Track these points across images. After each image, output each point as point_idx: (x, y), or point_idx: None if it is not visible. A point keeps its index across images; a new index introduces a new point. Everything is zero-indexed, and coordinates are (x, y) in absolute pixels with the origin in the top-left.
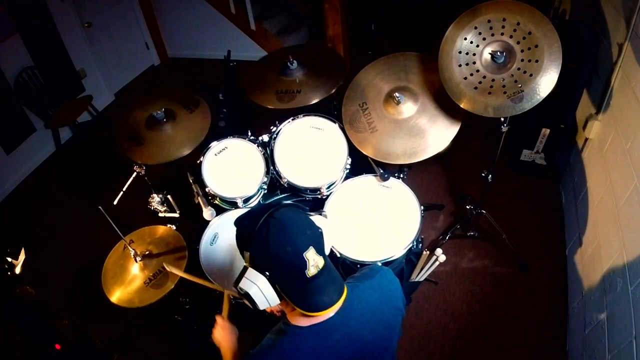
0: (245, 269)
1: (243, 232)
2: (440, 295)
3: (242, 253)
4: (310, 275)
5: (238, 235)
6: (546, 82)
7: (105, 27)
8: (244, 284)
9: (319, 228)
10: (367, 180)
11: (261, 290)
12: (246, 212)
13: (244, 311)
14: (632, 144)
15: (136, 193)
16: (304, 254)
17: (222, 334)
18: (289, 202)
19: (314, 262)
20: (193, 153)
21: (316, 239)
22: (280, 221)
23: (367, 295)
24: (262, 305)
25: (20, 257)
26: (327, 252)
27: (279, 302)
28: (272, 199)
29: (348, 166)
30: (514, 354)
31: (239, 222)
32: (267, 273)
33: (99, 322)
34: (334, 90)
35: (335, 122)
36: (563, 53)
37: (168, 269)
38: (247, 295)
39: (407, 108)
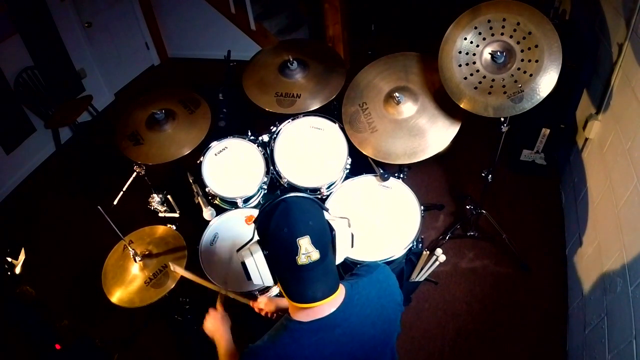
0: (251, 241)
1: (259, 211)
2: (440, 295)
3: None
4: (299, 263)
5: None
6: (546, 82)
7: (105, 27)
8: (243, 252)
9: (333, 229)
10: (367, 180)
11: (256, 263)
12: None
13: (243, 314)
14: (632, 144)
15: (136, 193)
16: (297, 239)
17: (214, 322)
18: (309, 196)
19: (306, 250)
20: (193, 153)
21: (318, 232)
22: (289, 204)
23: (366, 290)
24: (254, 277)
25: (20, 257)
26: (339, 257)
27: (272, 283)
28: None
29: (348, 166)
30: (514, 354)
31: (262, 205)
32: (266, 251)
33: (99, 322)
34: (334, 97)
35: (335, 122)
36: (563, 53)
37: (172, 268)
38: (243, 264)
39: (407, 108)
